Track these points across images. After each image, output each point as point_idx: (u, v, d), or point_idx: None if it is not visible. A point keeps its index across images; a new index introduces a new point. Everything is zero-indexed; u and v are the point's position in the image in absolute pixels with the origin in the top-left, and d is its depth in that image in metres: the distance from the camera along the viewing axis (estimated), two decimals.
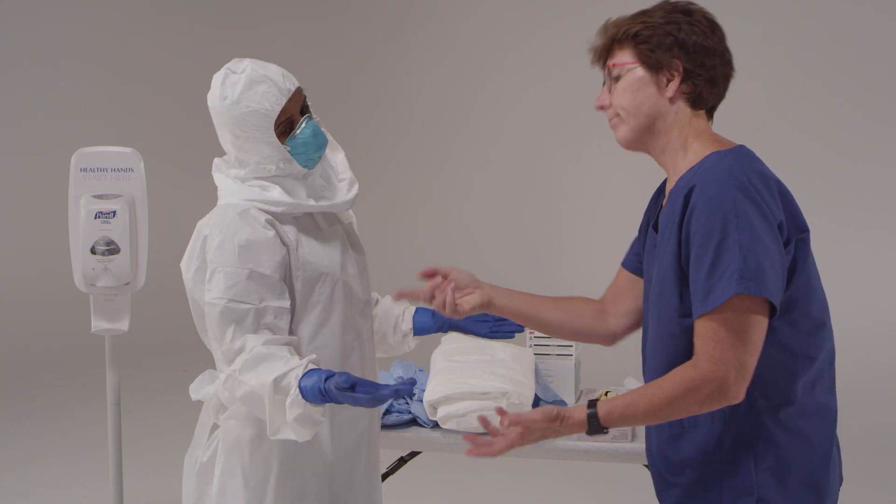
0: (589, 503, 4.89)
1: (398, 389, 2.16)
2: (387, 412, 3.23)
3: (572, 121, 8.22)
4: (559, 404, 3.25)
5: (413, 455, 3.35)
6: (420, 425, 3.25)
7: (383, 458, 2.75)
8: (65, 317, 7.38)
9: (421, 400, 3.24)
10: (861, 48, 7.52)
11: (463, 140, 8.76)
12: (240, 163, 2.44)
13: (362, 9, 9.20)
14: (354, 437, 2.51)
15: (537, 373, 3.36)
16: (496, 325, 2.84)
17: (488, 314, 2.80)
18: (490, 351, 3.34)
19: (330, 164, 2.55)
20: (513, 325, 2.85)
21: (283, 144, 2.39)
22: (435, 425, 3.22)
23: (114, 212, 3.80)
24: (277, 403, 2.20)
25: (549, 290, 2.56)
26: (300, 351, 2.38)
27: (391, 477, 3.36)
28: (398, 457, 3.36)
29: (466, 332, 2.85)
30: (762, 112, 7.70)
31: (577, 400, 3.47)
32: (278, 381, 2.19)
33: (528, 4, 8.45)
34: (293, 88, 2.40)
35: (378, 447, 2.63)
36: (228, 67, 2.41)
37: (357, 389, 2.14)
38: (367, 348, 2.57)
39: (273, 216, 2.40)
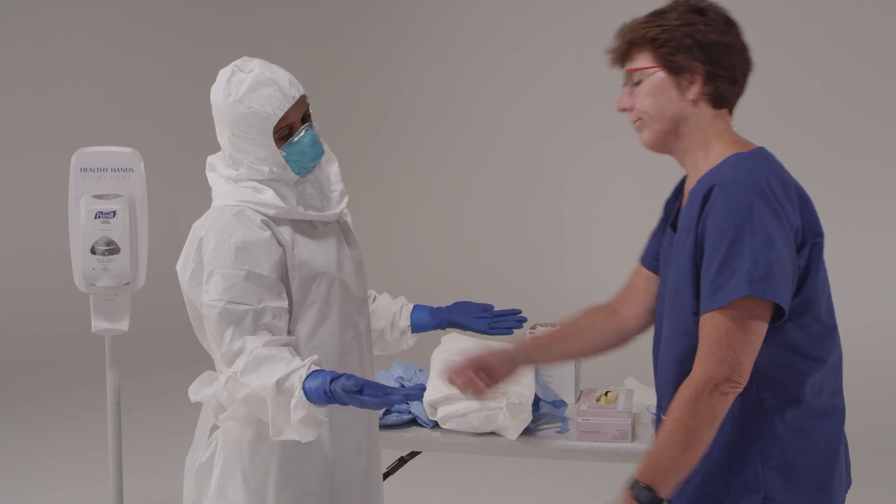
0: (589, 503, 4.89)
1: (408, 394, 2.14)
2: (387, 412, 3.23)
3: (572, 121, 8.22)
4: (559, 404, 3.25)
5: (413, 455, 3.35)
6: (420, 425, 3.25)
7: (383, 458, 2.75)
8: (65, 317, 7.38)
9: (421, 400, 3.24)
10: (861, 48, 7.52)
11: (463, 140, 8.76)
12: (234, 161, 2.43)
13: (362, 9, 9.20)
14: (354, 437, 2.51)
15: (537, 373, 3.36)
16: (495, 322, 2.83)
17: (486, 310, 2.80)
18: None
19: (323, 174, 2.53)
20: (511, 322, 2.84)
21: (280, 150, 2.39)
22: (435, 425, 3.22)
23: (114, 212, 3.80)
24: (281, 405, 2.19)
25: (549, 290, 2.56)
26: (298, 350, 2.38)
27: (391, 477, 3.36)
28: (398, 457, 3.36)
29: (465, 329, 2.85)
30: (762, 112, 7.70)
31: (577, 400, 3.47)
32: (281, 383, 2.18)
33: (528, 4, 8.45)
34: (297, 96, 2.39)
35: (378, 447, 2.63)
36: (237, 65, 2.39)
37: (365, 393, 2.13)
38: (365, 346, 2.57)
39: (267, 217, 2.40)
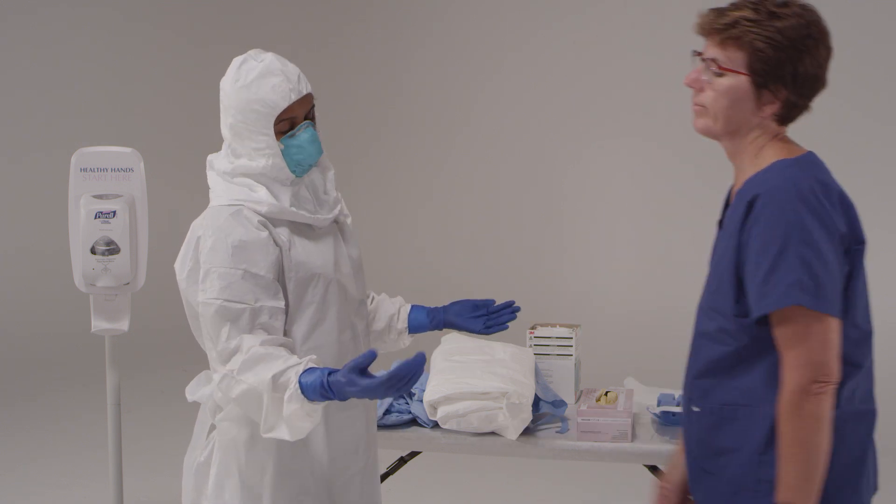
0: (589, 503, 4.89)
1: (410, 364, 2.07)
2: (387, 412, 3.23)
3: (572, 121, 8.21)
4: (559, 404, 3.25)
5: (413, 455, 3.35)
6: (420, 425, 3.25)
7: (383, 458, 2.75)
8: (65, 317, 7.38)
9: (421, 400, 3.24)
10: (861, 48, 7.52)
11: (463, 140, 8.75)
12: (232, 151, 2.43)
13: (362, 9, 9.20)
14: (351, 439, 2.50)
15: (537, 373, 3.36)
16: (490, 320, 2.82)
17: (480, 308, 2.80)
18: (490, 351, 3.34)
19: (319, 179, 2.53)
20: (507, 316, 2.83)
21: (279, 142, 2.39)
22: (435, 425, 3.22)
23: (114, 212, 3.81)
24: (275, 401, 2.18)
25: (549, 290, 2.56)
26: (295, 352, 2.37)
27: (391, 477, 3.36)
28: (398, 457, 3.36)
29: (461, 330, 2.84)
30: None
31: (577, 400, 3.47)
32: (277, 378, 2.17)
33: (528, 4, 8.44)
34: (305, 91, 2.41)
35: (376, 448, 2.62)
36: (250, 54, 2.43)
37: (366, 375, 2.10)
38: (363, 348, 2.56)
39: (264, 216, 2.40)
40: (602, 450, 3.11)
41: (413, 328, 2.81)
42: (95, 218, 3.79)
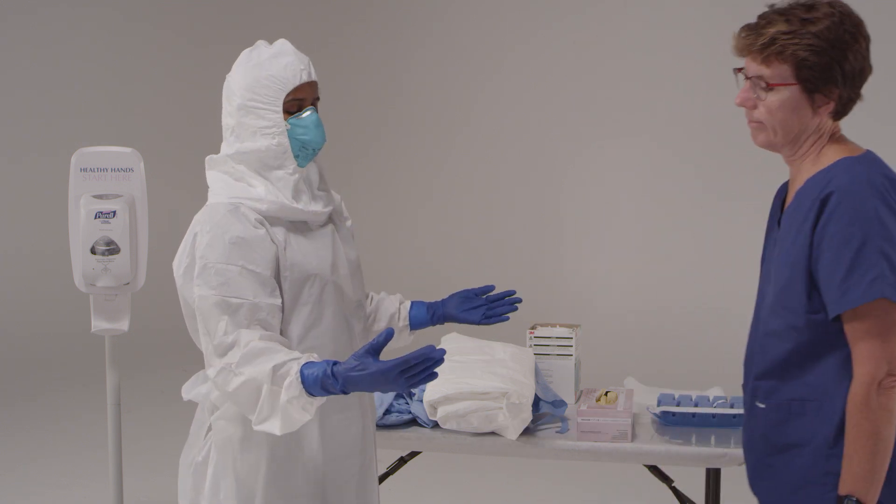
0: (589, 503, 4.89)
1: (422, 353, 2.07)
2: (387, 412, 3.23)
3: (572, 121, 8.21)
4: (559, 404, 3.25)
5: (413, 455, 3.35)
6: (420, 425, 3.25)
7: (383, 458, 2.75)
8: (65, 317, 7.38)
9: (421, 400, 3.24)
10: None
11: (463, 140, 8.75)
12: (236, 136, 2.42)
13: (362, 9, 9.19)
14: (347, 441, 2.49)
15: (537, 373, 3.36)
16: (489, 311, 2.82)
17: (479, 299, 2.80)
18: (490, 351, 3.34)
19: (315, 176, 2.53)
20: (506, 308, 2.82)
21: (286, 122, 2.39)
22: (435, 425, 3.22)
23: (114, 212, 3.81)
24: (273, 393, 2.16)
25: (549, 290, 2.56)
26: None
27: (391, 477, 3.36)
28: (398, 457, 3.36)
29: (461, 322, 2.83)
30: None
31: (577, 400, 3.47)
32: (278, 368, 2.16)
33: (528, 4, 8.44)
34: (314, 76, 2.45)
35: (374, 450, 2.61)
36: (260, 42, 2.47)
37: (379, 359, 2.08)
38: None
39: (261, 215, 2.39)
40: (602, 450, 3.11)
41: (414, 324, 2.81)
42: (95, 218, 3.79)
